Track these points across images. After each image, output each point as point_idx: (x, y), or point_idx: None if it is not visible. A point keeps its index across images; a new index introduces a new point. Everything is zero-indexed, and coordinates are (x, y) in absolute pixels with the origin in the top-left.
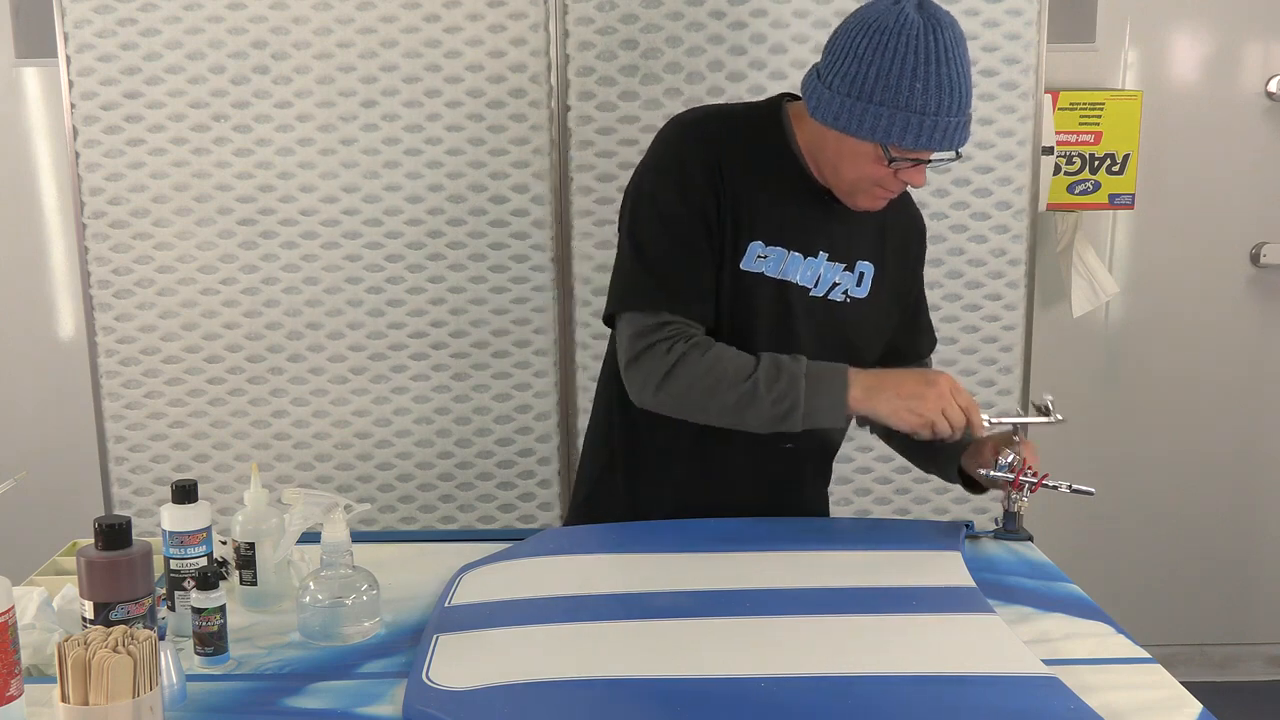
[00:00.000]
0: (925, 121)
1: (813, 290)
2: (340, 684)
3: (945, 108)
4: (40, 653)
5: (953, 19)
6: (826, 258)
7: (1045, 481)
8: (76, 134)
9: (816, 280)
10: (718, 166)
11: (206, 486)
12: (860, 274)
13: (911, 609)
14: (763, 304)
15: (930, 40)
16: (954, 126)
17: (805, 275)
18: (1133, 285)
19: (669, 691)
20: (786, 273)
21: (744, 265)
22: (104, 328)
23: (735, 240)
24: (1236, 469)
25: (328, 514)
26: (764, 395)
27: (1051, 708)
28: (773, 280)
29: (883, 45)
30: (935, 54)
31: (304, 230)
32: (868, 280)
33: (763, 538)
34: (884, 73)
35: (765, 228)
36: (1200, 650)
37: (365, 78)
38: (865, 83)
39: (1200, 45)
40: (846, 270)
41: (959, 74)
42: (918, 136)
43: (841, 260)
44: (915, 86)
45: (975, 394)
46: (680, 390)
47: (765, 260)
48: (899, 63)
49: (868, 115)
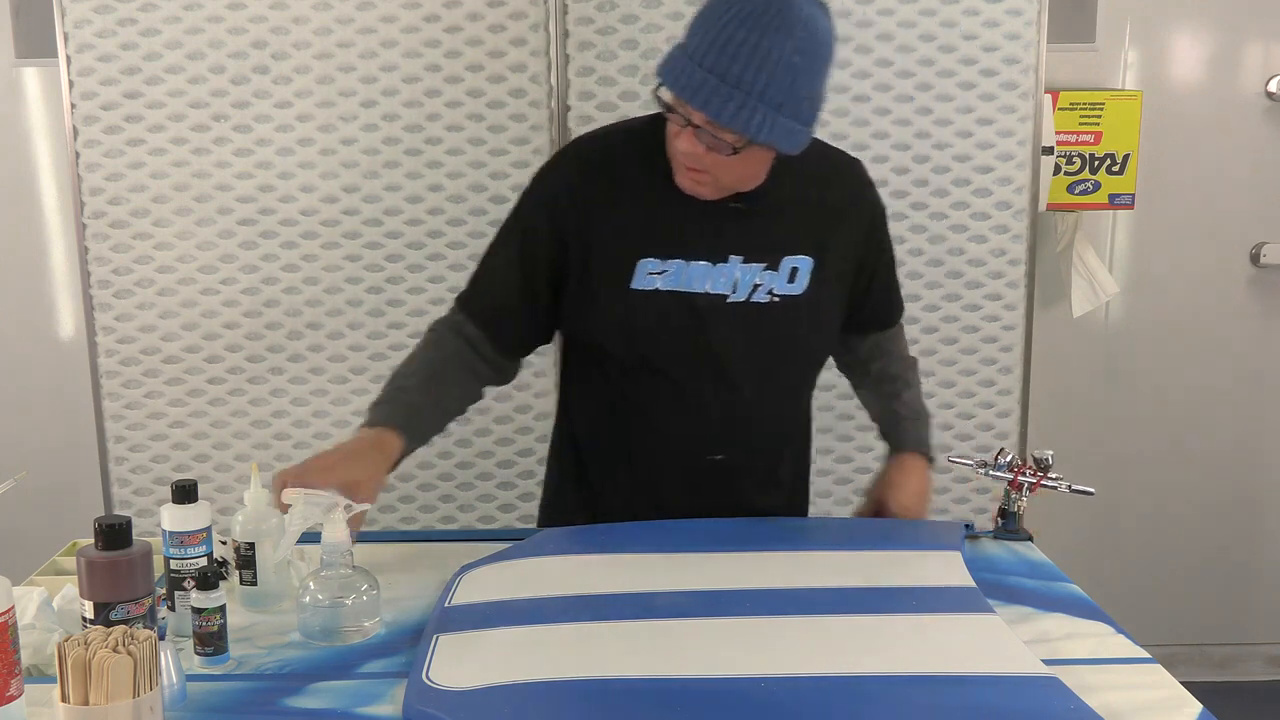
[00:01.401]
0: (678, 59)
1: (731, 295)
2: (340, 684)
3: (698, 53)
4: (40, 653)
5: (807, 21)
6: (741, 260)
7: (1045, 481)
8: (76, 134)
9: (734, 285)
10: (575, 197)
11: (206, 486)
12: (792, 270)
13: (911, 609)
14: (664, 319)
15: (754, 3)
16: (704, 82)
17: (719, 282)
18: (1133, 285)
19: (669, 691)
20: (691, 283)
21: (635, 285)
22: (104, 328)
23: (617, 263)
24: (1236, 469)
25: (328, 514)
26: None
27: (1051, 708)
28: (674, 293)
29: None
30: (737, 11)
31: (304, 230)
32: (804, 275)
33: (763, 538)
34: (697, 16)
35: (654, 242)
36: (1200, 650)
37: (365, 78)
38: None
39: (1200, 45)
40: (769, 270)
41: (742, 39)
42: (668, 72)
43: (760, 260)
44: (695, 25)
45: (974, 394)
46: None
47: (663, 275)
48: (709, 8)
49: (670, 53)
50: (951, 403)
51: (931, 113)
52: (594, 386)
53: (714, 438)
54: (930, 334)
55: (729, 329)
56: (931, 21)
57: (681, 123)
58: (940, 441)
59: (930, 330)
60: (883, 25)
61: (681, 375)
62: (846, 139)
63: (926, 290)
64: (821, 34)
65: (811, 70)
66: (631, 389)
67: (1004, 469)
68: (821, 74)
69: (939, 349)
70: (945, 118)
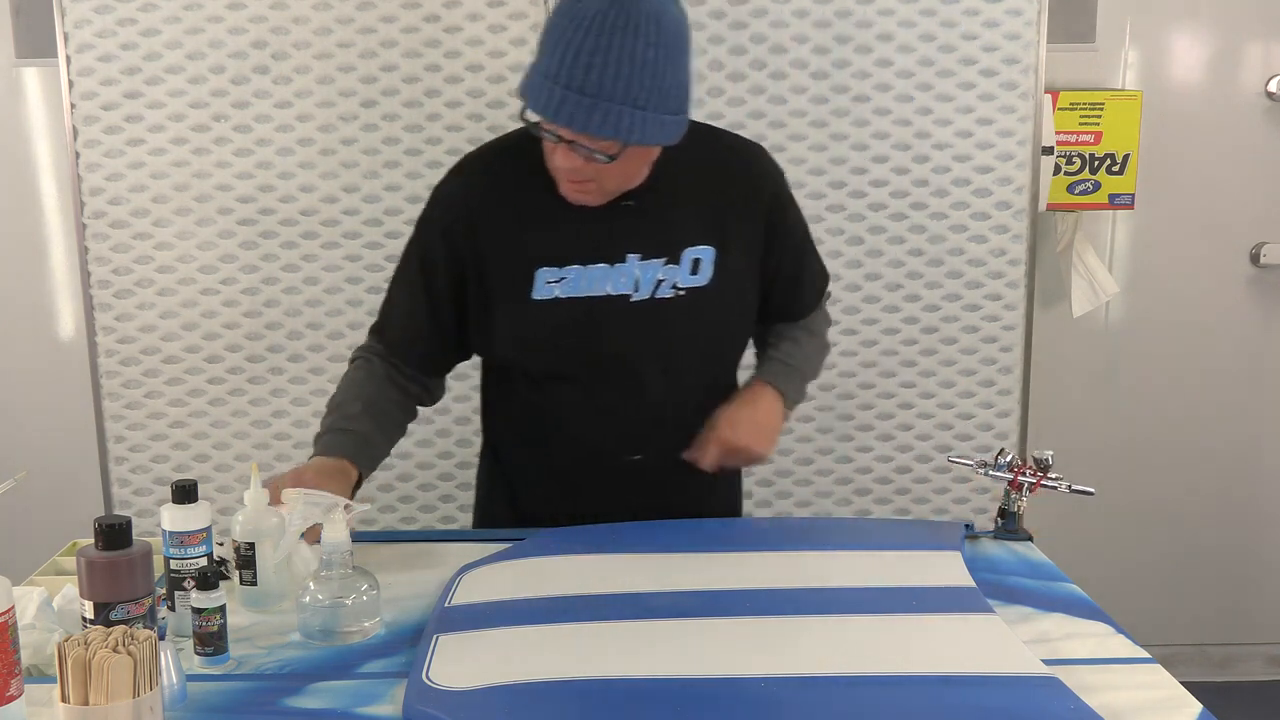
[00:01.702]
0: (536, 81)
1: (635, 295)
2: (340, 684)
3: (552, 70)
4: (40, 653)
5: (656, 15)
6: (639, 258)
7: (1045, 481)
8: (77, 134)
9: (636, 284)
10: (462, 215)
11: (206, 486)
12: (695, 261)
13: (911, 609)
14: (565, 327)
15: (587, 7)
16: (564, 100)
17: (620, 283)
18: (1133, 285)
19: (669, 691)
20: (591, 287)
21: (535, 296)
22: (104, 328)
23: (515, 276)
24: (1236, 468)
25: (328, 514)
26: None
27: (1051, 708)
28: (575, 300)
29: (557, 8)
30: (579, 18)
31: (304, 231)
32: (708, 265)
33: (763, 538)
34: (544, 31)
35: (549, 251)
36: (1200, 650)
37: (365, 78)
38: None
39: (1200, 45)
40: (670, 264)
41: (593, 48)
42: (529, 94)
43: (659, 255)
44: (545, 44)
45: (974, 394)
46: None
47: (561, 283)
48: (551, 24)
49: (528, 72)
50: (951, 403)
51: (931, 113)
52: (509, 396)
53: (628, 439)
54: (930, 334)
55: (632, 329)
56: (931, 21)
57: (554, 140)
58: (940, 441)
59: (930, 330)
60: (883, 25)
61: (589, 381)
62: (847, 139)
63: (926, 290)
64: (669, 22)
65: (668, 60)
66: (543, 398)
67: (1004, 469)
68: (680, 61)
69: (939, 349)
70: (945, 118)
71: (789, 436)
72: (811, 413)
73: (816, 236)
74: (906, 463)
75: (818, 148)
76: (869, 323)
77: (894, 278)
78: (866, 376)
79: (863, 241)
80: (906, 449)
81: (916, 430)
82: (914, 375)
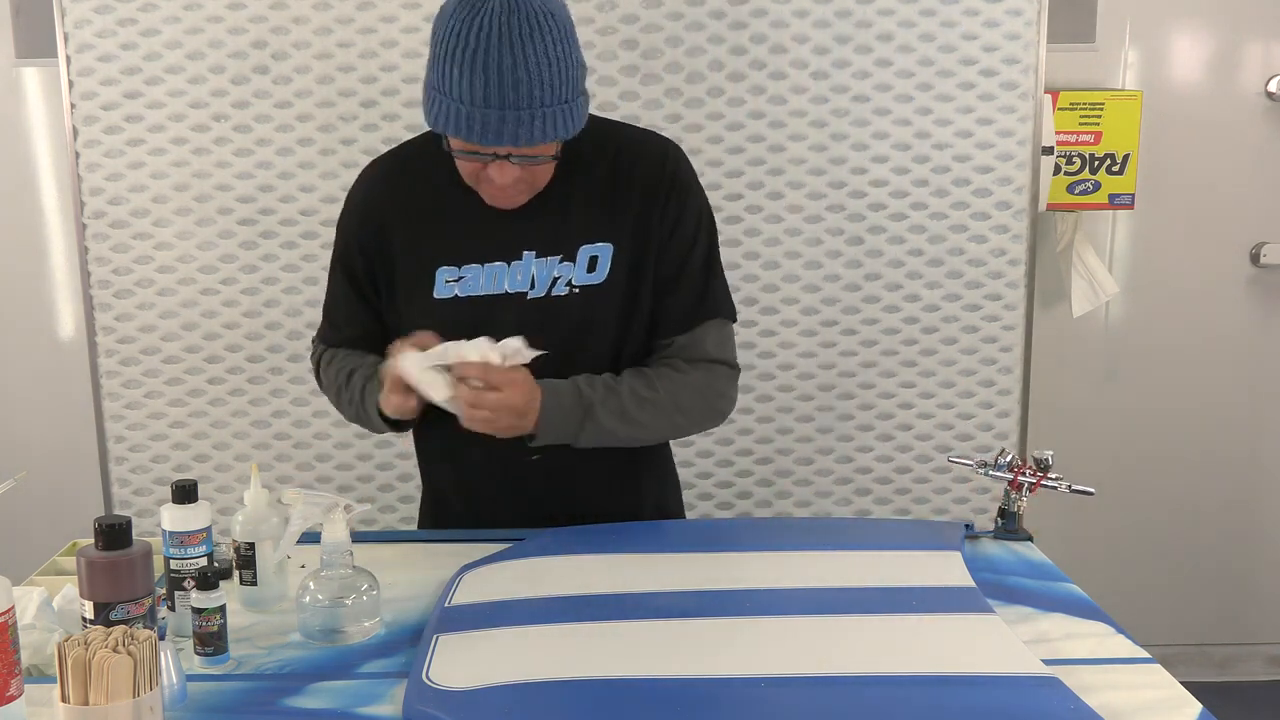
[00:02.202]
0: (462, 110)
1: (531, 292)
2: (340, 684)
3: (476, 96)
4: (40, 653)
5: (547, 10)
6: (534, 255)
7: (1045, 481)
8: (76, 134)
9: (532, 282)
10: (369, 216)
11: (206, 486)
12: (592, 259)
13: (911, 609)
14: (466, 324)
15: (485, 22)
16: (502, 120)
17: (515, 281)
18: (1133, 285)
19: (669, 691)
20: (489, 286)
21: (436, 294)
22: (104, 328)
23: (418, 275)
24: (1236, 469)
25: (328, 514)
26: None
27: (1051, 708)
28: (473, 298)
29: (441, 25)
30: (484, 38)
31: (304, 230)
32: (605, 262)
33: (763, 538)
34: (436, 57)
35: (448, 251)
36: (1200, 650)
37: (365, 78)
38: (430, 65)
39: (1200, 45)
40: (565, 261)
41: (513, 62)
42: (455, 125)
43: (555, 253)
44: (453, 72)
45: (974, 394)
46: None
47: (460, 282)
48: (444, 45)
49: (429, 101)
50: (951, 403)
51: (931, 113)
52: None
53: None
54: (930, 334)
55: (528, 327)
56: (931, 21)
57: (488, 159)
58: (940, 441)
59: (930, 330)
60: (882, 25)
61: None
62: (846, 139)
63: (926, 290)
64: (557, 9)
65: (570, 46)
66: None
67: (1004, 469)
68: (576, 42)
69: (939, 349)
70: (945, 118)
71: (789, 436)
72: (812, 413)
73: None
74: (906, 463)
75: (818, 148)
76: (869, 323)
77: (894, 278)
78: (866, 377)
79: (862, 241)
80: (906, 449)
81: (916, 430)
82: (914, 375)
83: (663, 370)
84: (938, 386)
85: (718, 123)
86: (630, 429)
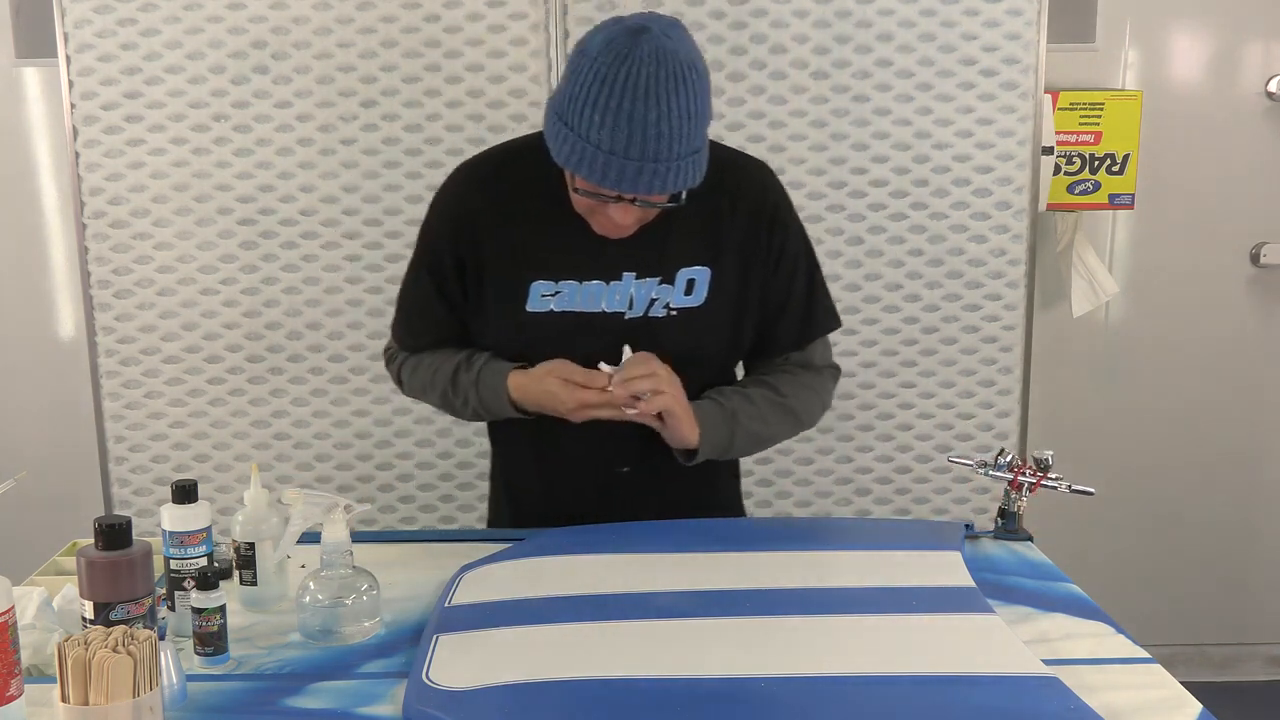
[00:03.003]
0: (600, 158)
1: (629, 313)
2: (340, 684)
3: (617, 146)
4: (40, 653)
5: (691, 61)
6: (634, 277)
7: (1045, 481)
8: (76, 134)
9: (630, 302)
10: (464, 221)
11: (206, 486)
12: (689, 282)
13: (911, 609)
14: (557, 340)
15: (632, 71)
16: (639, 171)
17: (614, 301)
18: (1133, 285)
19: (669, 691)
20: (586, 303)
21: (530, 307)
22: (104, 328)
23: (511, 286)
24: (1236, 469)
25: (328, 514)
26: (452, 396)
27: (1051, 708)
28: (568, 314)
29: (583, 67)
30: (631, 88)
31: (304, 230)
32: (702, 286)
33: (763, 538)
34: (575, 96)
35: (545, 265)
36: (1200, 650)
37: (365, 78)
38: (562, 102)
39: (1200, 45)
40: (664, 284)
41: (657, 116)
42: (590, 171)
43: (655, 275)
44: (594, 117)
45: (974, 394)
46: (414, 391)
47: (556, 297)
48: (587, 88)
49: (558, 137)
50: (951, 403)
51: (931, 113)
52: None
53: (618, 451)
54: (930, 334)
55: (619, 345)
56: (931, 21)
57: (613, 201)
58: (940, 441)
59: (930, 330)
60: (882, 25)
61: None
62: (847, 139)
63: (926, 290)
64: (698, 59)
65: (707, 98)
66: None
67: (1004, 469)
68: (710, 92)
69: (939, 349)
70: (945, 118)
71: None
72: None
73: (816, 237)
74: (906, 463)
75: (818, 148)
76: (869, 323)
77: (894, 278)
78: (866, 376)
79: (862, 241)
80: (906, 449)
81: (916, 430)
82: (914, 375)
83: (781, 376)
84: (938, 386)
85: (717, 123)
86: (769, 431)
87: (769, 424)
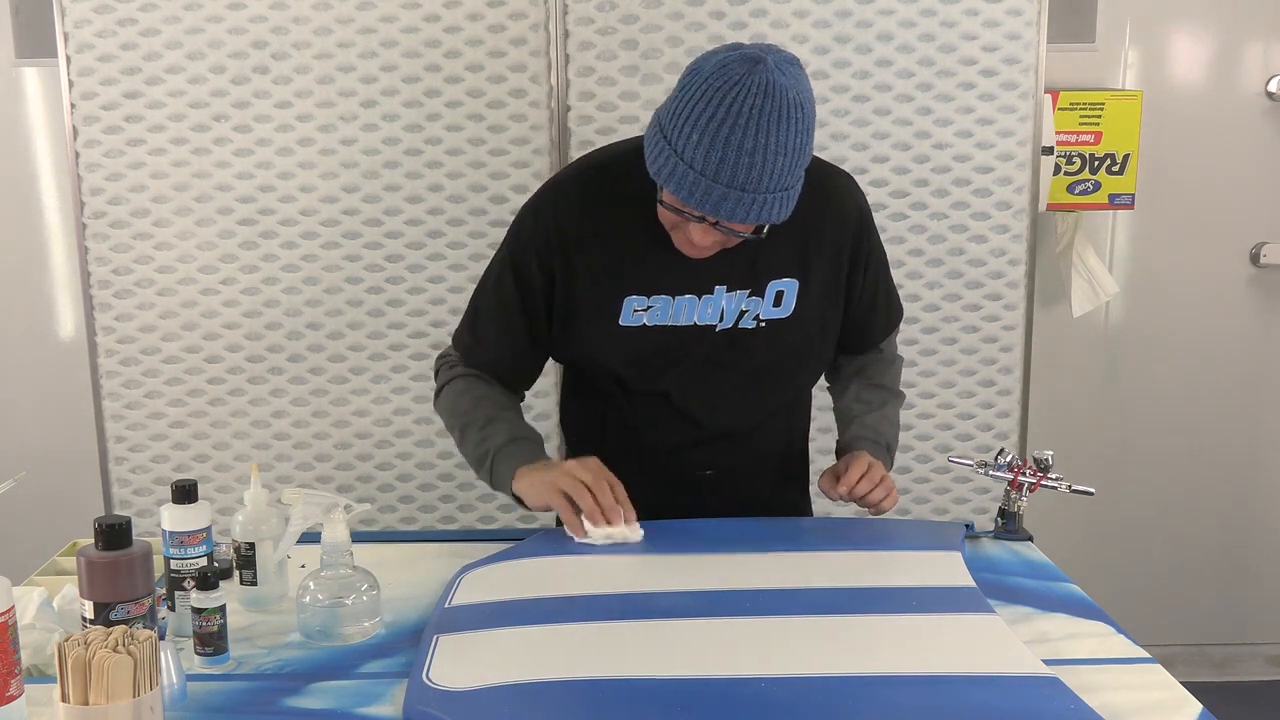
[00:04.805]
0: (690, 176)
1: (719, 325)
2: (340, 684)
3: (709, 169)
4: (40, 653)
5: (799, 100)
6: (725, 290)
7: (1045, 481)
8: (76, 134)
9: (721, 314)
10: (558, 234)
11: (206, 486)
12: (778, 294)
13: (911, 609)
14: (653, 353)
15: (739, 98)
16: (725, 197)
17: (705, 314)
18: (1133, 285)
19: (669, 691)
20: (678, 317)
21: (623, 321)
22: (104, 328)
23: (604, 301)
24: (1236, 469)
25: (328, 514)
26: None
27: (1051, 708)
28: (661, 328)
29: (696, 83)
30: (734, 114)
31: (304, 230)
32: (790, 297)
33: (763, 538)
34: (679, 112)
35: (639, 280)
36: (1200, 650)
37: (365, 78)
38: (666, 115)
39: (1200, 45)
40: (754, 296)
41: (753, 146)
42: (679, 187)
43: (745, 287)
44: (692, 136)
45: (974, 394)
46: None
47: (649, 311)
48: (692, 105)
49: (655, 147)
50: (951, 403)
51: (931, 113)
52: (587, 403)
53: (702, 455)
54: (930, 334)
55: (712, 358)
56: (931, 21)
57: (695, 220)
58: (940, 441)
59: (930, 330)
60: (882, 25)
61: (667, 400)
62: (847, 139)
63: (926, 290)
64: (807, 100)
65: (810, 138)
66: (621, 409)
67: (1004, 469)
68: (814, 133)
69: (939, 349)
70: (945, 118)
71: None
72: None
73: None
74: (906, 463)
75: (817, 148)
76: None
77: (894, 278)
78: None
79: None
80: (906, 449)
81: (916, 430)
82: (914, 375)
83: (883, 370)
84: (938, 387)
85: None
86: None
87: (897, 424)
